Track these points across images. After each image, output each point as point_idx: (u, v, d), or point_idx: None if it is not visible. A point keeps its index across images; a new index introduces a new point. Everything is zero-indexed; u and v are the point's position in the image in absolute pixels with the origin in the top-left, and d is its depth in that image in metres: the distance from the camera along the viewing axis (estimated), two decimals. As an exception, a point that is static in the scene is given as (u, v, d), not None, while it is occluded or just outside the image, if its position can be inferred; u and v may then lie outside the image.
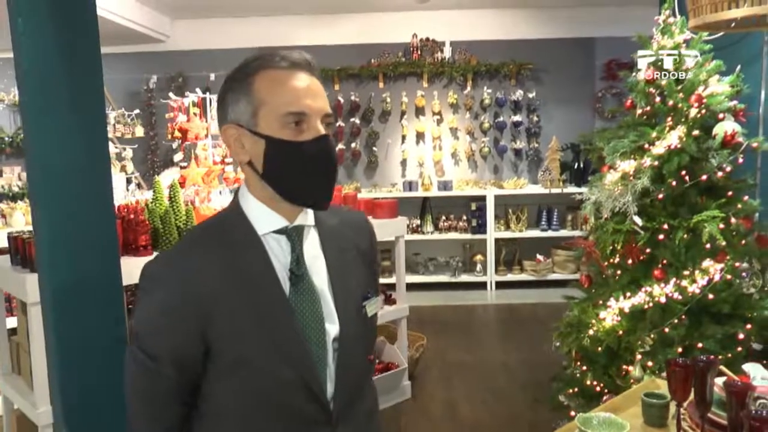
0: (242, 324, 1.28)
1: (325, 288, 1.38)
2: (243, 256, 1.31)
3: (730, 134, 3.04)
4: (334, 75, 7.63)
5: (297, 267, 1.34)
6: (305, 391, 1.32)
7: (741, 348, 2.83)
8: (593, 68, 7.76)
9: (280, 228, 1.35)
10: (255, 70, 1.31)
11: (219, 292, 1.27)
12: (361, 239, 1.51)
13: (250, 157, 1.32)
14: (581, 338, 3.07)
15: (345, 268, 1.43)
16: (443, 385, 4.65)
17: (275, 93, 1.29)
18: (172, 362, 1.30)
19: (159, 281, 1.30)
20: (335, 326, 1.37)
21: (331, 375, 1.36)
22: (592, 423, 1.80)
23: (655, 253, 3.03)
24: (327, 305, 1.37)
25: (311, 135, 1.30)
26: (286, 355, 1.30)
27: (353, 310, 1.40)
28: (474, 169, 7.79)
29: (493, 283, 7.36)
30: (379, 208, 4.45)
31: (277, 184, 1.32)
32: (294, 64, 1.32)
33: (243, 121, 1.31)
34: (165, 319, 1.29)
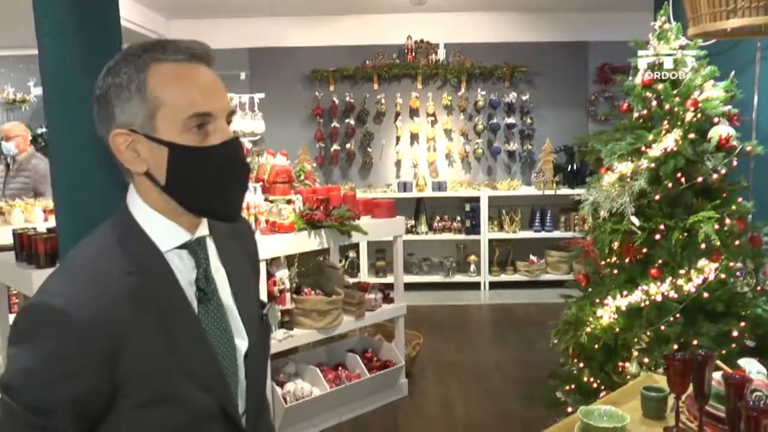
0: (155, 357, 1.12)
1: (230, 302, 1.26)
2: (150, 281, 1.14)
3: (725, 138, 3.12)
4: (329, 76, 7.67)
5: (206, 284, 1.20)
6: (220, 415, 1.19)
7: (735, 345, 2.90)
8: (586, 72, 7.84)
9: (183, 243, 1.20)
10: (146, 64, 1.12)
11: (127, 328, 1.09)
12: (249, 245, 1.42)
13: (148, 167, 1.14)
14: (578, 336, 3.13)
15: (243, 277, 1.32)
16: (439, 383, 4.71)
17: (175, 91, 1.11)
18: (70, 413, 1.08)
19: (54, 322, 1.06)
20: (245, 341, 1.26)
21: (242, 392, 1.26)
22: (594, 415, 1.85)
23: (652, 252, 3.10)
24: (234, 320, 1.25)
25: (219, 138, 1.14)
26: (202, 382, 1.16)
27: (257, 322, 1.31)
28: (468, 171, 7.85)
29: (486, 283, 7.42)
30: (377, 207, 4.50)
31: (184, 197, 1.16)
32: (192, 56, 1.14)
33: (137, 126, 1.12)
34: (60, 367, 1.07)
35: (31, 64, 7.82)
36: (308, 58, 7.58)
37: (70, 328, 1.06)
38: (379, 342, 4.62)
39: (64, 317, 1.06)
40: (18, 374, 1.08)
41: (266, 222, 3.85)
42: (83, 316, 1.06)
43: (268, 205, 4.03)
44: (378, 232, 4.39)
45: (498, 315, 6.54)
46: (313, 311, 3.95)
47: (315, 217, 3.98)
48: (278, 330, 3.86)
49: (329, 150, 7.74)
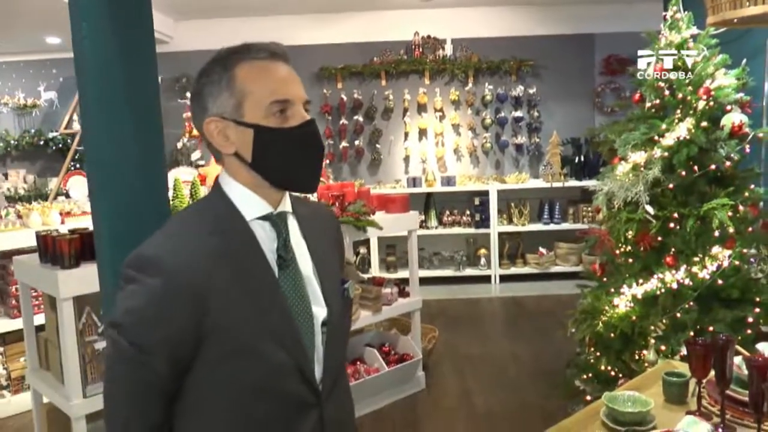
0: (238, 311, 1.26)
1: (310, 272, 1.39)
2: (233, 241, 1.30)
3: (738, 125, 3.15)
4: (337, 73, 7.70)
5: (285, 251, 1.34)
6: (297, 375, 1.32)
7: (750, 331, 2.93)
8: (592, 64, 7.85)
9: (266, 214, 1.35)
10: (235, 63, 1.31)
11: (213, 279, 1.25)
12: (331, 228, 1.55)
13: (236, 148, 1.32)
14: (595, 325, 3.16)
15: (324, 253, 1.45)
16: (455, 375, 4.74)
17: (259, 83, 1.29)
18: (164, 354, 1.24)
19: (152, 268, 1.24)
20: (323, 309, 1.38)
21: (319, 357, 1.37)
22: (618, 400, 1.89)
23: (667, 240, 3.13)
24: (313, 289, 1.38)
25: (297, 121, 1.31)
26: (281, 340, 1.29)
27: (337, 294, 1.43)
28: (476, 165, 7.88)
29: (496, 276, 7.45)
30: (392, 203, 4.53)
31: (267, 172, 1.33)
32: (272, 54, 1.33)
33: (227, 113, 1.31)
34: (160, 308, 1.23)
35: (41, 69, 7.89)
36: (316, 55, 7.61)
37: (162, 273, 1.22)
38: (395, 336, 4.65)
39: (160, 264, 1.23)
40: (124, 313, 1.25)
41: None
42: (175, 264, 1.23)
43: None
44: (392, 226, 4.42)
45: (510, 307, 6.57)
46: (330, 307, 3.98)
47: (331, 214, 4.00)
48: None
49: (338, 147, 7.78)
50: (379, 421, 4.08)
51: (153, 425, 1.29)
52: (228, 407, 1.29)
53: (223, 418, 1.30)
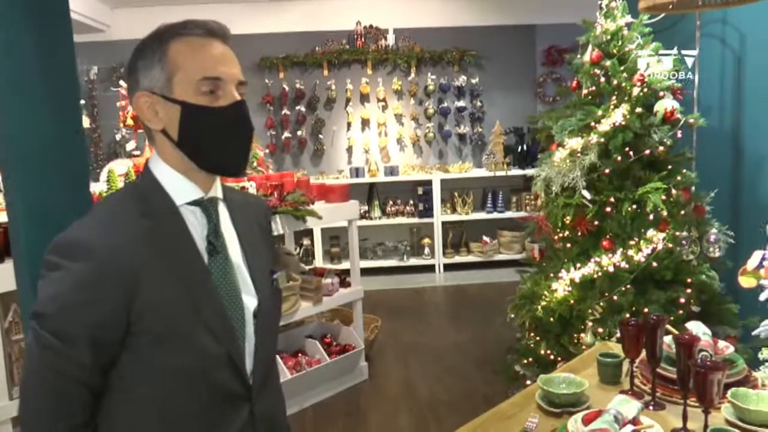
0: (169, 296, 1.23)
1: (240, 261, 1.37)
2: (164, 226, 1.27)
3: (670, 111, 3.22)
4: (279, 63, 7.60)
5: (215, 238, 1.32)
6: (229, 367, 1.29)
7: (682, 311, 2.99)
8: (534, 54, 7.93)
9: (196, 199, 1.32)
10: (170, 38, 1.28)
11: (144, 262, 1.21)
12: (262, 217, 1.52)
13: (164, 125, 1.29)
14: (534, 309, 3.19)
15: (254, 242, 1.43)
16: (399, 365, 4.73)
17: (190, 59, 1.26)
18: (90, 343, 1.19)
19: (77, 252, 1.19)
20: (254, 299, 1.36)
21: (251, 349, 1.34)
22: (554, 383, 1.90)
23: (603, 224, 3.18)
24: (243, 277, 1.36)
25: (227, 101, 1.28)
26: (212, 328, 1.26)
27: (267, 283, 1.40)
28: (419, 155, 7.89)
29: (441, 265, 7.48)
30: (331, 192, 4.49)
31: (193, 152, 1.29)
32: (209, 32, 1.30)
33: (156, 88, 1.27)
34: (85, 294, 1.18)
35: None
36: (257, 45, 7.49)
37: (92, 256, 1.18)
38: (337, 327, 4.62)
39: (86, 247, 1.19)
40: (46, 301, 1.20)
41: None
42: (103, 246, 1.19)
43: (220, 193, 3.98)
44: (332, 216, 4.38)
45: (454, 296, 6.61)
46: (271, 298, 3.92)
47: (269, 203, 3.95)
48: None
49: (280, 138, 7.68)
50: (322, 413, 4.04)
51: (76, 425, 1.23)
52: (157, 400, 1.25)
53: (151, 412, 1.26)
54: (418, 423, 3.83)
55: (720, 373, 1.54)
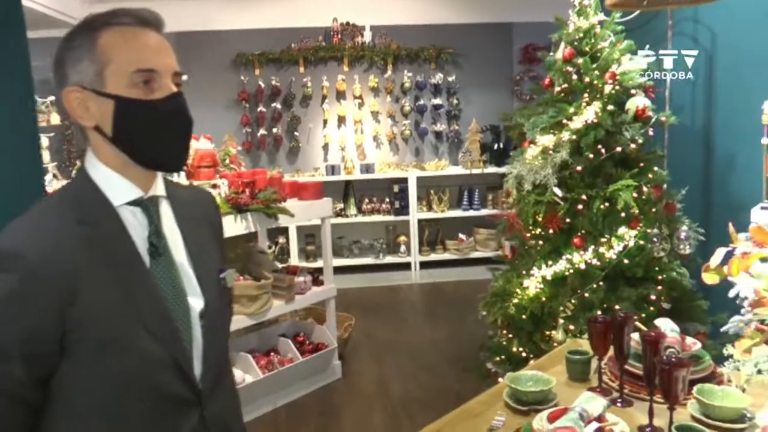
0: (108, 302, 1.16)
1: (185, 261, 1.31)
2: (101, 230, 1.20)
3: (641, 109, 3.23)
4: (255, 60, 7.52)
5: (157, 239, 1.26)
6: (175, 371, 1.23)
7: (653, 308, 3.01)
8: (511, 53, 7.93)
9: (135, 199, 1.25)
10: (99, 28, 1.20)
11: (80, 268, 1.15)
12: (210, 213, 1.47)
13: (97, 121, 1.21)
14: (506, 307, 3.19)
15: (201, 240, 1.37)
16: (373, 363, 4.71)
17: (122, 50, 1.19)
18: (24, 356, 1.12)
19: (7, 262, 1.12)
20: (200, 301, 1.30)
21: (199, 353, 1.28)
22: (521, 380, 1.88)
23: (575, 222, 3.18)
24: (188, 279, 1.30)
25: (163, 93, 1.21)
26: (155, 332, 1.20)
27: (214, 284, 1.34)
28: (396, 152, 7.87)
29: (417, 263, 7.47)
30: (304, 190, 4.45)
31: (130, 148, 1.22)
32: (141, 21, 1.23)
33: (86, 82, 1.19)
34: (18, 305, 1.11)
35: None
36: (233, 41, 7.42)
37: (24, 266, 1.11)
38: (310, 325, 4.59)
39: (18, 257, 1.12)
40: None
41: (191, 207, 3.75)
42: (35, 255, 1.12)
43: (192, 190, 3.93)
44: (305, 214, 4.35)
45: (429, 293, 6.61)
46: (243, 297, 3.89)
47: (240, 201, 3.91)
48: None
49: (256, 135, 7.62)
50: (294, 412, 4.01)
51: None
52: (101, 409, 1.19)
53: (95, 422, 1.20)
54: (391, 421, 3.81)
55: (684, 370, 1.54)
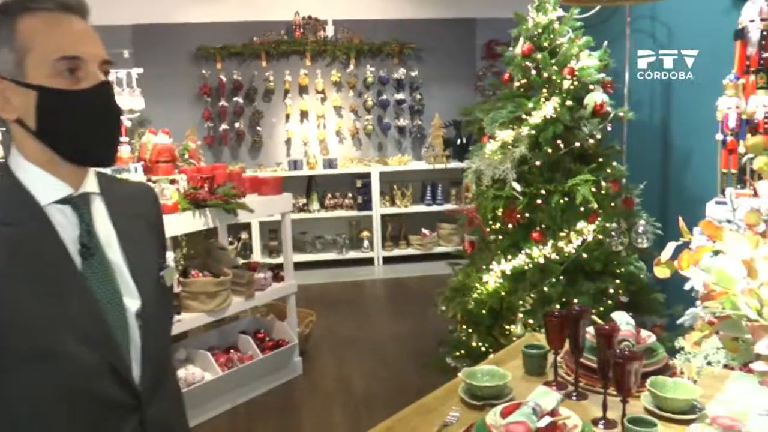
0: (35, 307, 1.10)
1: (120, 260, 1.24)
2: (27, 231, 1.13)
3: (599, 104, 3.25)
4: (216, 53, 7.42)
5: (88, 239, 1.18)
6: (111, 376, 1.17)
7: (611, 301, 3.03)
8: (474, 48, 7.94)
9: (64, 197, 1.18)
10: (17, 12, 1.13)
11: (5, 274, 1.09)
12: (148, 209, 1.40)
13: (19, 114, 1.14)
14: (466, 302, 3.19)
15: (137, 238, 1.30)
16: (334, 359, 4.69)
17: (44, 36, 1.12)
18: None
19: None
20: (136, 301, 1.23)
21: (137, 355, 1.22)
22: (477, 375, 1.88)
23: (534, 216, 3.19)
24: (124, 279, 1.23)
25: (90, 83, 1.14)
26: (88, 337, 1.14)
27: (152, 283, 1.28)
28: (359, 147, 7.84)
29: (380, 258, 7.46)
30: (264, 185, 4.40)
31: (55, 142, 1.15)
32: (64, 6, 1.15)
33: (6, 72, 1.12)
34: None
35: None
36: (194, 34, 7.30)
37: None
38: (271, 322, 4.54)
39: None
40: None
41: (148, 203, 3.69)
42: None
43: (150, 186, 3.87)
44: (265, 209, 4.31)
45: (392, 289, 6.60)
46: (202, 293, 3.84)
47: (199, 196, 3.85)
48: (165, 314, 3.71)
49: (218, 129, 7.52)
50: (254, 410, 3.97)
51: None
52: (35, 419, 1.13)
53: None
54: (351, 418, 3.80)
55: (637, 363, 1.55)
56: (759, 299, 1.35)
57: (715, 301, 1.47)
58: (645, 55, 4.05)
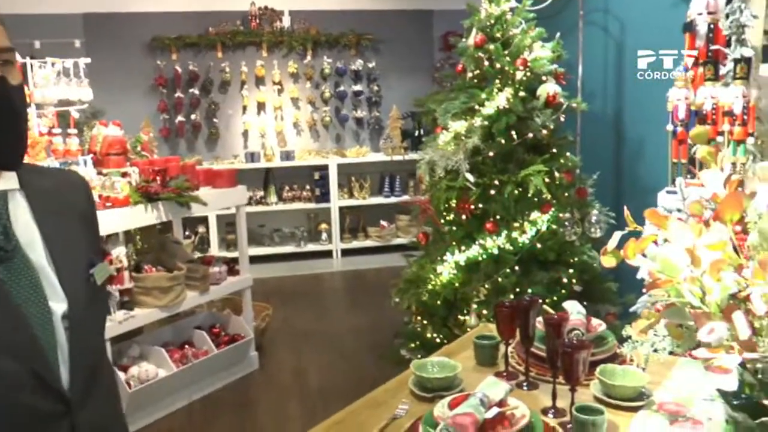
0: None
1: (44, 261, 1.16)
2: None
3: (552, 95, 3.27)
4: (171, 44, 7.29)
5: (6, 241, 1.11)
6: (36, 384, 1.10)
7: (564, 291, 3.06)
8: (432, 39, 7.95)
9: None
10: None
11: None
12: (79, 199, 1.32)
13: None
14: (420, 293, 3.19)
15: (64, 235, 1.22)
16: (291, 353, 4.66)
17: None
18: None
19: None
20: (62, 304, 1.15)
21: (65, 359, 1.15)
22: (427, 367, 1.87)
23: (487, 207, 3.20)
24: (49, 282, 1.15)
25: None
26: (8, 346, 1.07)
27: (81, 282, 1.20)
28: (316, 139, 7.79)
29: (338, 251, 7.43)
30: (219, 177, 4.34)
31: None
32: None
33: None
34: None
35: None
36: (148, 24, 7.15)
37: None
38: (227, 316, 4.49)
39: None
40: None
41: (99, 197, 3.61)
42: None
43: (100, 179, 3.79)
44: (219, 202, 4.24)
45: (351, 281, 6.59)
46: (155, 289, 3.77)
47: (151, 190, 3.78)
48: (118, 311, 3.65)
49: (174, 121, 7.40)
50: (210, 406, 3.93)
51: None
52: None
53: None
54: (306, 411, 3.77)
55: (585, 352, 1.56)
56: (702, 287, 1.35)
57: (660, 290, 1.47)
58: (645, 55, 4.08)
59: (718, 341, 1.23)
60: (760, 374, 1.26)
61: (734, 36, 2.68)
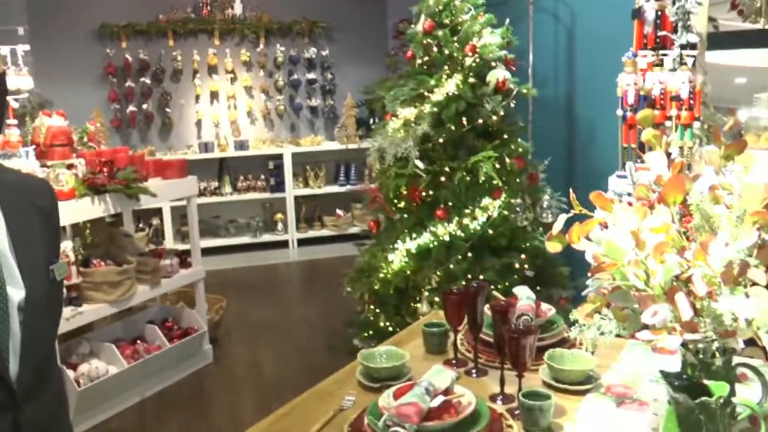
0: None
1: (6, 248, 1.19)
2: None
3: (502, 81, 3.26)
4: (120, 31, 7.10)
5: None
6: None
7: (517, 276, 3.07)
8: (385, 27, 7.90)
9: None
10: None
11: None
12: (43, 200, 1.34)
13: None
14: (372, 282, 3.17)
15: (28, 229, 1.25)
16: (246, 346, 4.61)
17: None
18: None
19: None
20: (20, 291, 1.18)
21: (15, 348, 1.16)
22: (375, 357, 1.85)
23: (438, 194, 3.19)
24: (8, 268, 1.18)
25: None
26: None
27: (40, 275, 1.23)
28: (270, 128, 7.70)
29: (294, 240, 7.37)
30: (168, 168, 4.25)
31: None
32: None
33: None
34: None
35: None
36: (95, 10, 6.94)
37: None
38: (180, 310, 4.41)
39: None
40: None
41: (42, 189, 3.50)
42: None
43: (44, 171, 3.67)
44: (169, 193, 4.16)
45: (306, 271, 6.55)
46: (104, 283, 3.68)
47: (98, 181, 3.68)
48: (65, 308, 3.55)
49: (125, 111, 7.23)
50: (164, 402, 3.86)
51: None
52: None
53: None
54: (261, 404, 3.73)
55: (531, 337, 1.55)
56: (646, 270, 1.35)
57: (605, 273, 1.47)
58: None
59: (662, 323, 1.23)
60: (701, 354, 1.27)
61: (680, 22, 2.71)
